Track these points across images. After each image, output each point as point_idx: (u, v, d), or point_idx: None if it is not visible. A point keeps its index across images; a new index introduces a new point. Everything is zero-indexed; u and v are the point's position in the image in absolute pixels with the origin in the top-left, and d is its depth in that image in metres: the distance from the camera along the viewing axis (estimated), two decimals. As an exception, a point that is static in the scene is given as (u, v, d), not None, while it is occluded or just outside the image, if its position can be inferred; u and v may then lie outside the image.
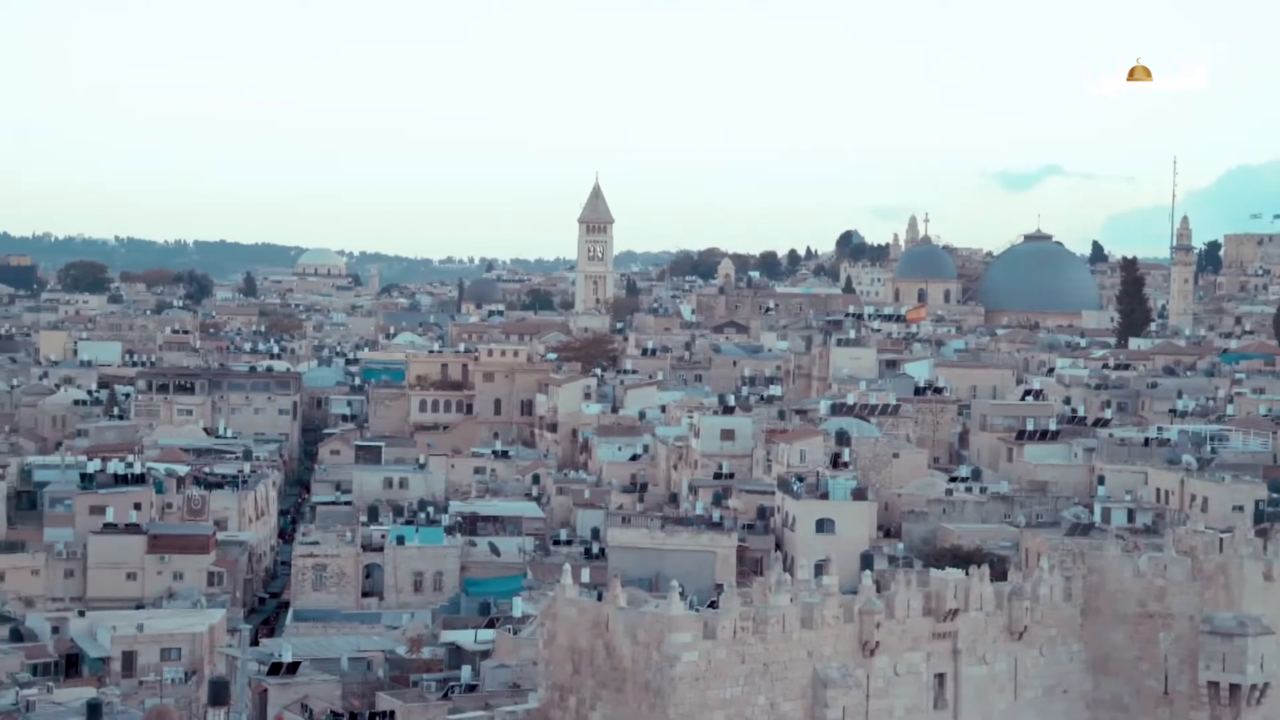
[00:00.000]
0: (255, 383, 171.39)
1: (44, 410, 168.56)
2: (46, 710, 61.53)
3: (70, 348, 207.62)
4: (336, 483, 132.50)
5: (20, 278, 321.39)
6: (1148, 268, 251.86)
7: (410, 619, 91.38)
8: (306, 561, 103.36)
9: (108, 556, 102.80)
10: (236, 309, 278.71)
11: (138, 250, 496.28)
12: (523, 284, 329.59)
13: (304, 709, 69.24)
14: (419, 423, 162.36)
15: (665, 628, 49.41)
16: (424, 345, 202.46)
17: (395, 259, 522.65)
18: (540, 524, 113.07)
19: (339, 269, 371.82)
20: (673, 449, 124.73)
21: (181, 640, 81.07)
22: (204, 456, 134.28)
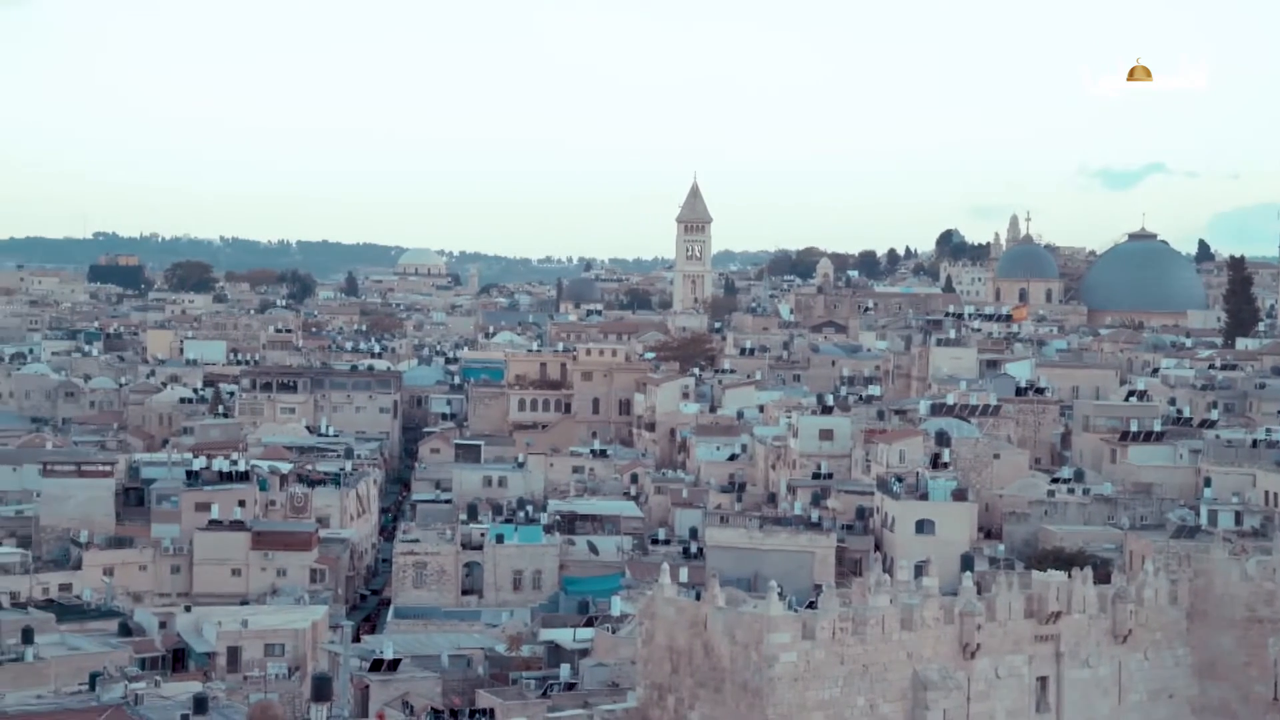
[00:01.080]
0: (357, 381, 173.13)
1: (151, 408, 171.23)
2: (154, 704, 62.36)
3: (176, 346, 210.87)
4: (436, 481, 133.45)
5: (128, 277, 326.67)
6: (1255, 266, 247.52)
7: (509, 617, 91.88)
8: (407, 559, 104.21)
9: (213, 553, 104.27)
10: (338, 308, 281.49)
11: (242, 250, 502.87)
12: (621, 283, 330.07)
13: (405, 705, 69.82)
14: (518, 422, 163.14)
15: (764, 628, 49.29)
16: (523, 344, 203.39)
17: (494, 259, 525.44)
18: (638, 523, 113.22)
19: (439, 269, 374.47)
20: (771, 449, 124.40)
21: (285, 636, 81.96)
22: (306, 454, 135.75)
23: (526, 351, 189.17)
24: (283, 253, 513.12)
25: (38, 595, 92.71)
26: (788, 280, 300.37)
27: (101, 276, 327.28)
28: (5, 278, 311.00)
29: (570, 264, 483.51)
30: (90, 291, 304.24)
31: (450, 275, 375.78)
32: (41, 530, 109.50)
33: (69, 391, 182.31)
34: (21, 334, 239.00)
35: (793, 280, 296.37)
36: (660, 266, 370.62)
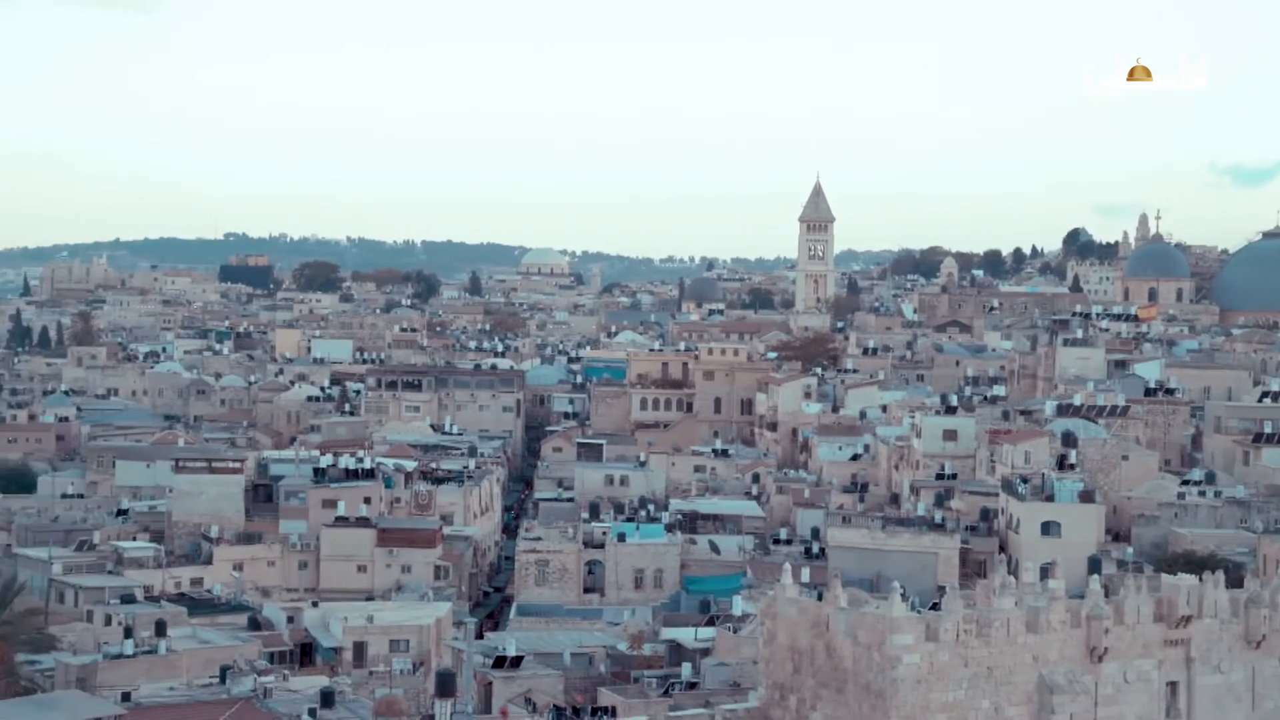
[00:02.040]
0: (480, 380, 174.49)
1: (279, 406, 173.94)
2: (282, 697, 63.26)
3: (304, 345, 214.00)
4: (559, 479, 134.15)
5: (258, 277, 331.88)
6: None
7: (631, 615, 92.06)
8: (529, 557, 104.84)
9: (339, 549, 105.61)
10: (462, 308, 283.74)
11: (368, 250, 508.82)
12: (743, 283, 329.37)
13: (527, 702, 70.20)
14: (640, 421, 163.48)
15: (887, 629, 48.94)
16: (645, 344, 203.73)
17: (617, 258, 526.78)
18: (760, 523, 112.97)
19: (562, 268, 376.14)
20: (894, 449, 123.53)
21: (409, 632, 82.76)
22: (431, 452, 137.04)
23: (648, 351, 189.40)
24: (408, 253, 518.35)
25: (170, 589, 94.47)
26: (911, 280, 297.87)
27: (232, 276, 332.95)
28: (140, 278, 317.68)
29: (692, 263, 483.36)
30: (221, 291, 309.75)
31: (573, 275, 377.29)
32: (174, 526, 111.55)
33: (200, 389, 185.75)
34: (155, 333, 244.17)
35: (916, 280, 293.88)
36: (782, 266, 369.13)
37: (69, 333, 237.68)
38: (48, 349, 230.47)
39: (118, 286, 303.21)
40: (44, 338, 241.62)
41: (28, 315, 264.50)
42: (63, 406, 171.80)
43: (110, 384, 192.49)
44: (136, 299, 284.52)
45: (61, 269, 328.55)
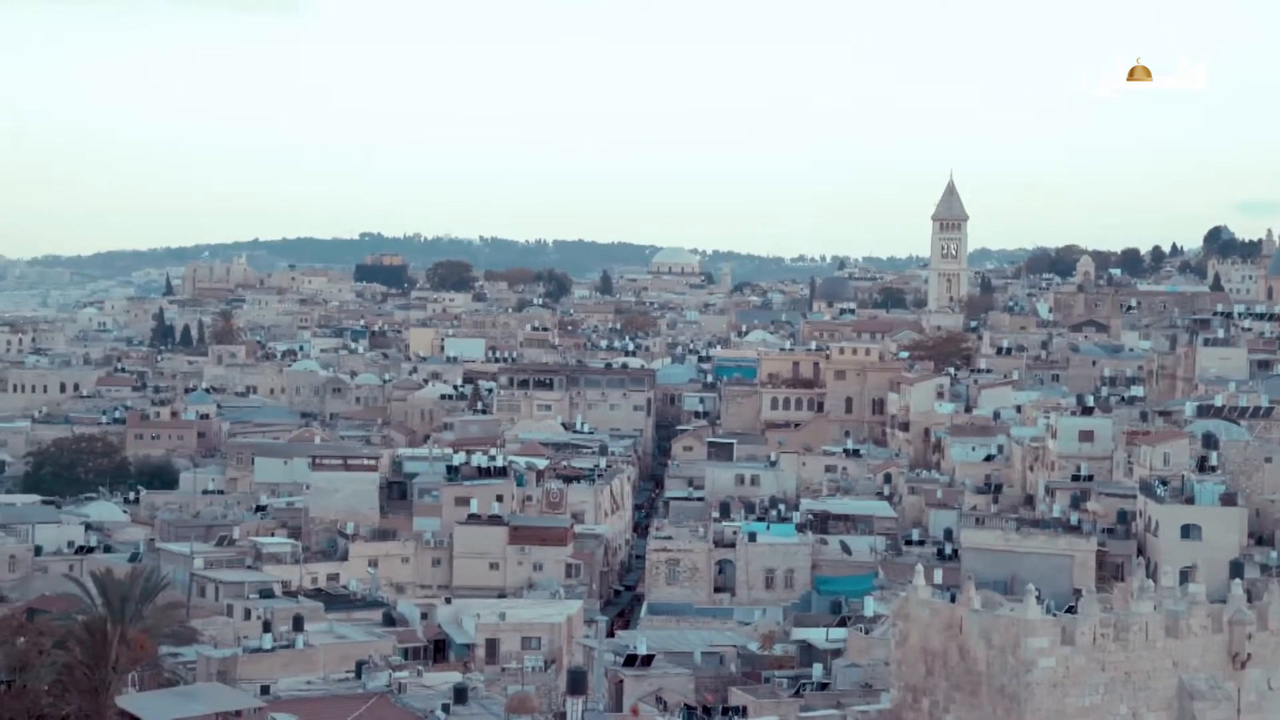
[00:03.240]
0: (611, 379, 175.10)
1: (413, 404, 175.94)
2: (417, 693, 63.90)
3: (438, 344, 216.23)
4: (689, 478, 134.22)
5: (392, 277, 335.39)
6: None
7: (762, 615, 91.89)
8: (660, 556, 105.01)
9: (472, 546, 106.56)
10: (593, 307, 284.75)
11: (501, 250, 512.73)
12: (874, 282, 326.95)
13: (658, 701, 70.30)
14: (770, 420, 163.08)
15: (1021, 631, 48.32)
16: (776, 343, 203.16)
17: (747, 257, 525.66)
18: (892, 523, 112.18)
19: (692, 267, 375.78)
20: (1028, 449, 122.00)
21: (541, 630, 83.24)
22: (562, 451, 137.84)
23: (779, 350, 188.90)
24: (540, 252, 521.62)
25: (307, 585, 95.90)
26: (1046, 278, 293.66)
27: (367, 276, 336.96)
28: (278, 278, 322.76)
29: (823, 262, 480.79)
30: (356, 290, 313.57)
31: (703, 274, 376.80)
32: (310, 522, 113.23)
33: (336, 388, 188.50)
34: (292, 332, 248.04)
35: (1051, 278, 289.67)
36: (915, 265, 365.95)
37: (210, 331, 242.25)
38: (189, 347, 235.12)
39: (256, 286, 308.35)
40: (186, 336, 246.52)
41: (170, 314, 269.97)
42: (204, 404, 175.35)
43: (249, 382, 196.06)
44: (274, 298, 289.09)
45: (203, 269, 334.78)
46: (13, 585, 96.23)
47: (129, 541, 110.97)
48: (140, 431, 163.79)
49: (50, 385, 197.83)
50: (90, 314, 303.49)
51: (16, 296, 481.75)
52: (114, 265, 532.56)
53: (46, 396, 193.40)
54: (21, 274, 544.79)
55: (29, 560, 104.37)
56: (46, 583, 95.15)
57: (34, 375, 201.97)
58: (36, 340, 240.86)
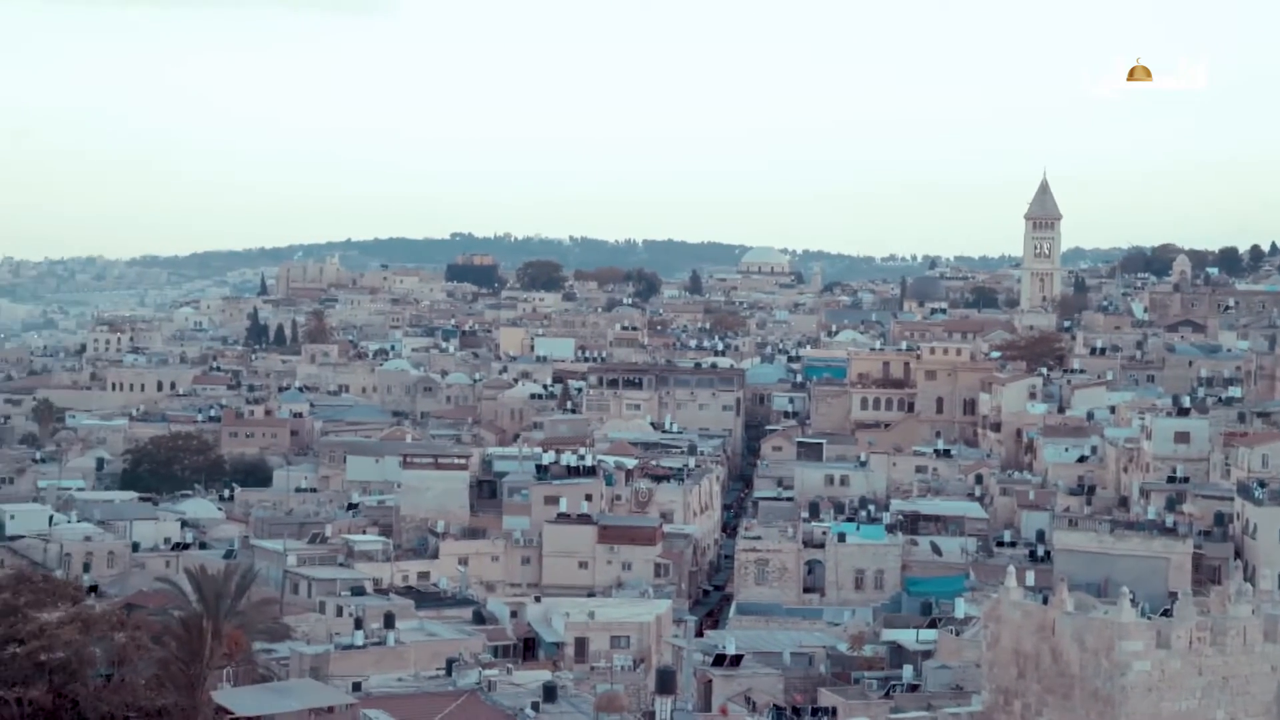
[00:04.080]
0: (700, 379, 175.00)
1: (503, 403, 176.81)
2: (506, 691, 64.13)
3: (527, 344, 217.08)
4: (778, 478, 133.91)
5: (483, 276, 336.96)
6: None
7: (851, 616, 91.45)
8: (749, 556, 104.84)
9: (561, 545, 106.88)
10: (683, 306, 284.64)
11: (590, 249, 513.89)
12: (966, 281, 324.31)
13: (747, 701, 70.17)
14: (860, 420, 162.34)
15: (1115, 635, 47.79)
16: (866, 343, 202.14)
17: (837, 256, 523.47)
18: (983, 524, 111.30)
19: (782, 267, 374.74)
20: (1123, 451, 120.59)
21: (630, 629, 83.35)
22: (651, 450, 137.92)
23: (869, 350, 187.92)
24: (629, 251, 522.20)
25: (398, 582, 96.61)
26: (1141, 278, 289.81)
27: (458, 275, 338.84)
28: (370, 277, 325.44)
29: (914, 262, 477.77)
30: (447, 290, 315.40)
31: (793, 273, 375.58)
32: (401, 520, 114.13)
33: (427, 387, 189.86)
34: (384, 331, 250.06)
35: (1147, 278, 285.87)
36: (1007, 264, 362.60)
37: (303, 330, 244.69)
38: (283, 346, 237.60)
39: (349, 285, 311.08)
40: (279, 335, 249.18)
41: (264, 314, 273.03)
42: (297, 402, 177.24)
43: (341, 381, 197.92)
44: (366, 298, 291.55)
45: (296, 268, 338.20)
46: (111, 581, 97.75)
47: (224, 538, 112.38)
48: (235, 430, 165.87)
49: (148, 384, 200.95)
50: (187, 313, 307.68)
51: (116, 296, 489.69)
52: (210, 265, 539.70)
53: (144, 395, 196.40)
54: (121, 274, 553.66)
55: (127, 556, 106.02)
56: (144, 579, 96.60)
57: (132, 374, 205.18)
58: (135, 339, 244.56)
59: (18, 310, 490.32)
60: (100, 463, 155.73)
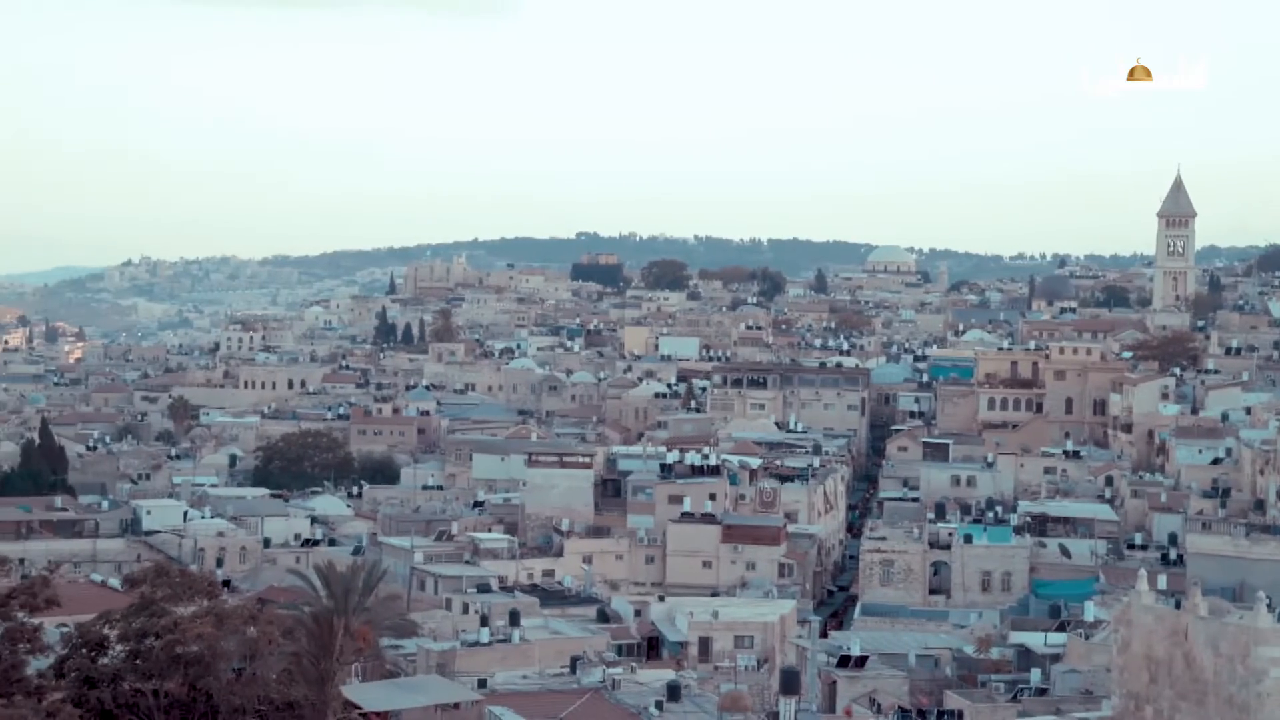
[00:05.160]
0: (825, 378, 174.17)
1: (627, 402, 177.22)
2: (630, 689, 64.32)
3: (652, 343, 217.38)
4: (904, 479, 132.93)
5: (608, 276, 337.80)
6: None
7: (978, 618, 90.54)
8: (874, 556, 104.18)
9: (685, 544, 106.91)
10: (808, 306, 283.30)
11: (715, 249, 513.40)
12: (1097, 280, 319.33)
13: (872, 703, 69.75)
14: (987, 420, 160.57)
15: (1251, 640, 46.86)
16: (993, 342, 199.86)
17: (965, 255, 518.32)
18: (1113, 527, 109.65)
19: (908, 266, 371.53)
20: (1259, 453, 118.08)
21: (754, 629, 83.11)
22: (775, 450, 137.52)
23: (997, 349, 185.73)
24: (754, 251, 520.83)
25: (523, 580, 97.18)
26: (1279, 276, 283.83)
27: (583, 275, 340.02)
28: (496, 277, 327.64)
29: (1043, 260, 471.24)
30: (573, 289, 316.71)
31: (919, 272, 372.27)
32: (527, 518, 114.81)
33: (552, 385, 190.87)
34: (510, 330, 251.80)
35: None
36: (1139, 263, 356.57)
37: (430, 329, 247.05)
38: (410, 345, 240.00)
39: (475, 285, 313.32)
40: (407, 334, 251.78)
41: (393, 313, 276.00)
42: (424, 401, 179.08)
43: (468, 379, 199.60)
44: (493, 297, 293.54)
45: (424, 268, 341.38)
46: (243, 576, 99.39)
47: (352, 535, 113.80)
48: (363, 427, 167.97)
49: (279, 382, 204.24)
50: (317, 312, 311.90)
51: (248, 295, 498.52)
52: (340, 265, 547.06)
53: (275, 393, 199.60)
54: (253, 274, 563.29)
55: (259, 552, 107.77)
56: (274, 574, 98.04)
57: (264, 372, 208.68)
58: (266, 338, 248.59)
59: (154, 309, 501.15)
60: (233, 459, 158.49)
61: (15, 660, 47.60)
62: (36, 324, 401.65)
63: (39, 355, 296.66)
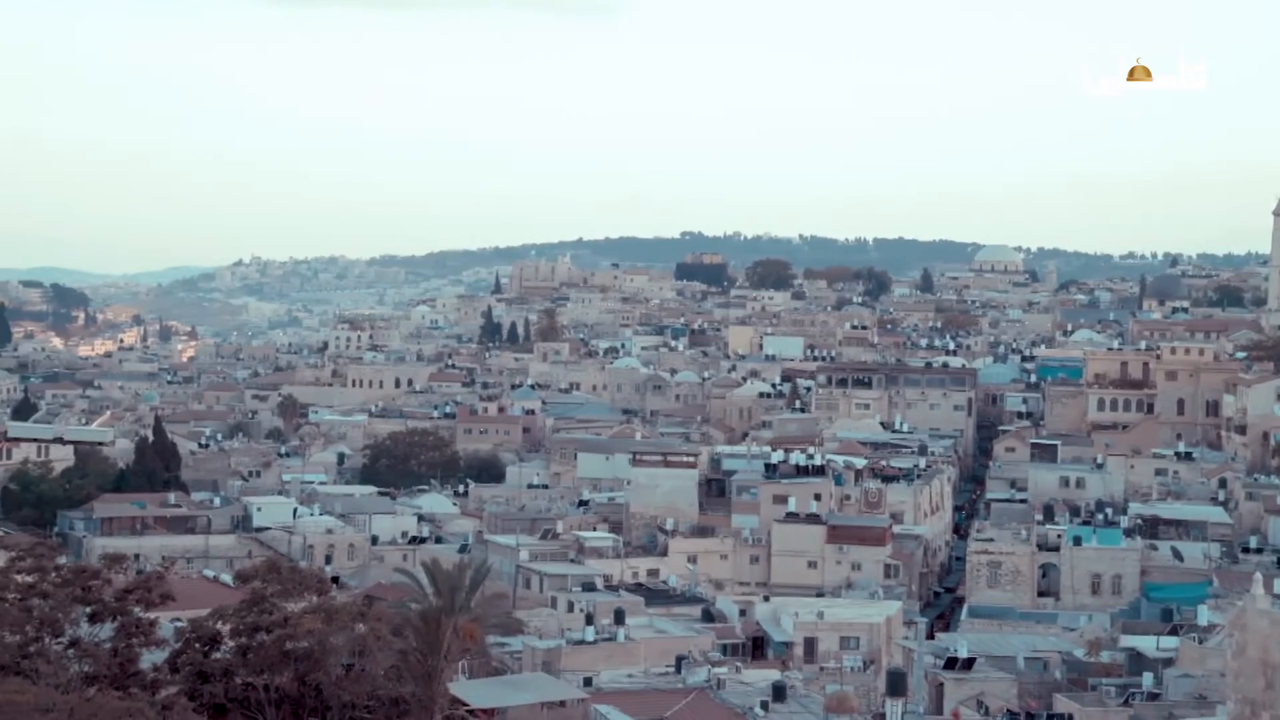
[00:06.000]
0: (931, 379, 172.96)
1: (731, 402, 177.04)
2: (735, 689, 64.27)
3: (756, 342, 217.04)
4: (1011, 480, 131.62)
5: (712, 275, 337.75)
6: None
7: (1087, 621, 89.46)
8: (981, 558, 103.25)
9: (790, 544, 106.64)
10: (913, 305, 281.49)
11: (820, 248, 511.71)
12: (1210, 279, 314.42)
13: (980, 705, 69.14)
14: (1096, 421, 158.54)
15: (1370, 647, 45.90)
16: (1103, 343, 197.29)
17: (1073, 255, 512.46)
18: (1227, 530, 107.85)
19: (1016, 265, 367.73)
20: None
21: (860, 630, 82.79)
22: (880, 450, 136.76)
23: (1107, 350, 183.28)
24: (860, 250, 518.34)
25: (628, 579, 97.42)
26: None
27: (687, 274, 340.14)
28: (601, 276, 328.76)
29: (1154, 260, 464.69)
30: (677, 289, 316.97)
31: (1028, 272, 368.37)
32: (631, 517, 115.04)
33: (656, 385, 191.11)
34: (614, 329, 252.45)
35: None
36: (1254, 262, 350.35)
37: (535, 329, 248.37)
38: (516, 344, 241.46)
39: (580, 284, 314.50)
40: (513, 333, 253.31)
41: (498, 312, 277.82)
42: (529, 400, 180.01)
43: (572, 378, 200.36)
44: (597, 296, 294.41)
45: (529, 267, 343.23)
46: (352, 573, 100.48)
47: (458, 533, 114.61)
48: (469, 426, 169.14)
49: (386, 380, 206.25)
50: (423, 312, 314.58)
51: (356, 295, 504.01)
52: (446, 265, 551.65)
53: (382, 391, 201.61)
54: (361, 273, 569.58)
55: (366, 549, 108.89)
56: (382, 571, 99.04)
57: (371, 371, 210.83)
58: (374, 337, 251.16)
59: (264, 309, 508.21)
60: (341, 457, 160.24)
61: (131, 654, 48.37)
62: (151, 323, 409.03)
63: (153, 354, 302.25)
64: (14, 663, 45.09)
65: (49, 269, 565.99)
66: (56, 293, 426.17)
